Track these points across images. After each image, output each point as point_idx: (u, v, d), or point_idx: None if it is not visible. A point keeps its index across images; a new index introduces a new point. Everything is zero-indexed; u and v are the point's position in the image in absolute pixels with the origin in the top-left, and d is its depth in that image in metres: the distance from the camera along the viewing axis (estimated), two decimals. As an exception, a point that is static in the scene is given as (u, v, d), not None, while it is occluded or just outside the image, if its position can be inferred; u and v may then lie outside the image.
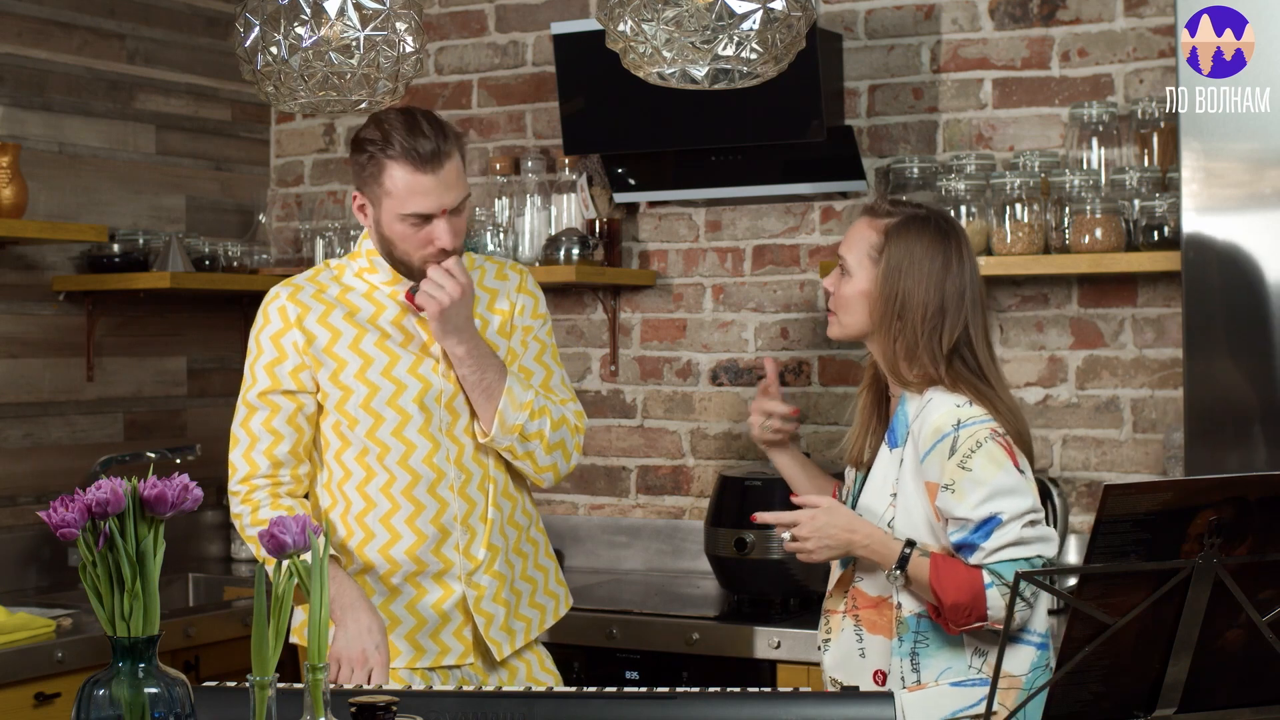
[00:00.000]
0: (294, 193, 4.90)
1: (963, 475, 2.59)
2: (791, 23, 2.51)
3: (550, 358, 3.07)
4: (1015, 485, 2.61)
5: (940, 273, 2.69)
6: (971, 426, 2.62)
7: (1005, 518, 2.58)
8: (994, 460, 2.60)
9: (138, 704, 1.91)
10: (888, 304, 2.69)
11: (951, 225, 2.75)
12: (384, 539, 2.91)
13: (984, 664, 2.63)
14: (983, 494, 2.58)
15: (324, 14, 2.66)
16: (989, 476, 2.59)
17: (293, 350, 2.92)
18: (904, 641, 2.64)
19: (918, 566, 2.59)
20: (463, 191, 2.86)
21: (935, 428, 2.63)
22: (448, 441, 2.93)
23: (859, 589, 2.69)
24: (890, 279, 2.69)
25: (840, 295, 2.76)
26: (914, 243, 2.70)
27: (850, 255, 2.75)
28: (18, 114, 4.21)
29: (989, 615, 2.57)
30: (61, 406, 4.30)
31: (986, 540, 2.58)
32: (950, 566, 2.57)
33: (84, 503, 1.89)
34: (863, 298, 2.72)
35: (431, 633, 2.92)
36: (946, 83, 4.07)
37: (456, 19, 4.67)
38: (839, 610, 2.71)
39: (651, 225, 4.43)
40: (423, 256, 2.87)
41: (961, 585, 2.56)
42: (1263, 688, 2.16)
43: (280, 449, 2.92)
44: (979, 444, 2.61)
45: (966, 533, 2.60)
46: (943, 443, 2.61)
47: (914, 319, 2.67)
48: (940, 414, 2.63)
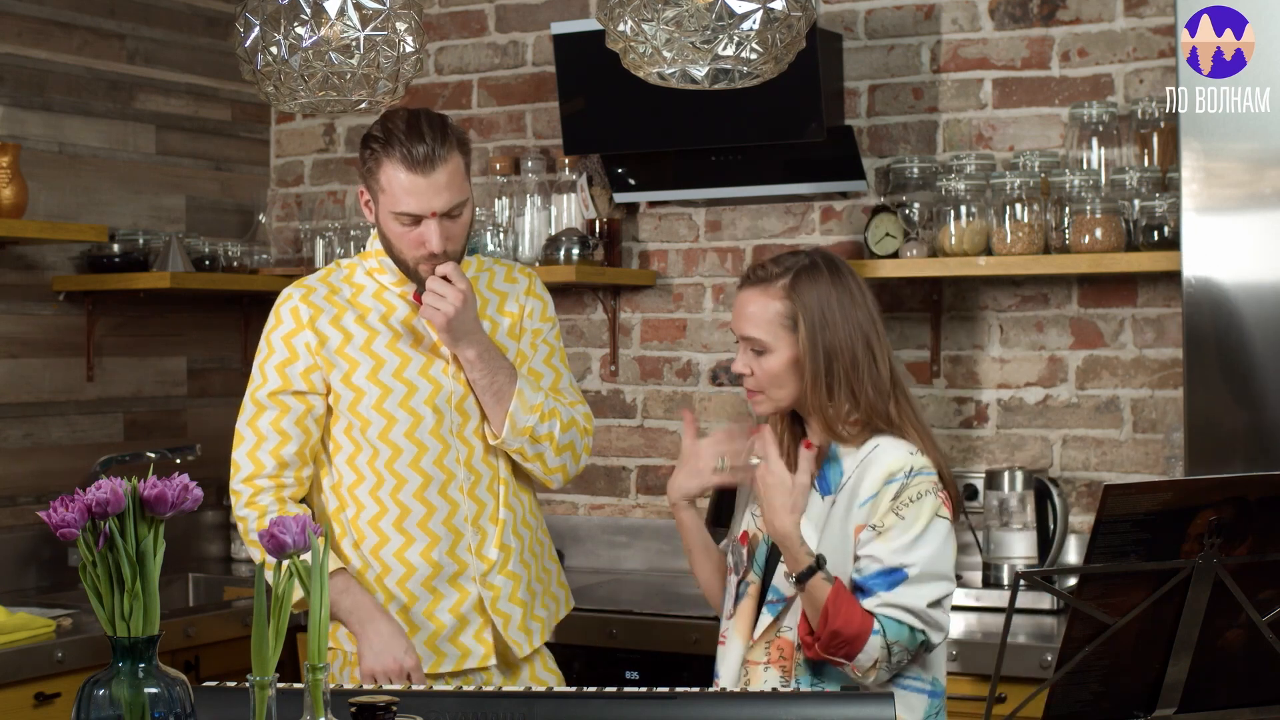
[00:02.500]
0: (294, 193, 4.90)
1: (894, 520, 2.56)
2: (791, 23, 2.51)
3: (559, 360, 3.07)
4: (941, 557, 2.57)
5: (852, 309, 2.64)
6: (921, 476, 2.58)
7: (912, 574, 2.54)
8: (932, 519, 2.57)
9: (138, 704, 1.91)
10: (819, 363, 2.61)
11: (830, 258, 2.69)
12: (398, 542, 2.91)
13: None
14: (905, 542, 2.55)
15: (324, 14, 2.66)
16: (919, 530, 2.55)
17: (305, 351, 2.92)
18: (799, 684, 2.61)
19: (818, 586, 2.53)
20: (457, 196, 2.85)
21: (887, 471, 2.58)
22: (458, 443, 2.94)
23: (784, 638, 2.64)
24: (816, 337, 2.61)
25: (765, 373, 2.65)
26: (817, 292, 2.63)
27: (759, 331, 2.65)
28: (18, 114, 4.21)
29: (857, 658, 2.52)
30: (61, 406, 4.30)
31: (889, 591, 2.54)
32: (848, 598, 2.53)
33: (84, 503, 1.89)
34: (792, 367, 2.63)
35: (451, 636, 2.92)
36: (946, 83, 4.07)
37: (456, 19, 4.67)
38: (760, 661, 2.65)
39: (651, 225, 4.43)
40: (415, 258, 2.87)
41: (853, 619, 2.51)
42: (1263, 688, 2.16)
43: (287, 450, 2.92)
44: (920, 495, 2.57)
45: (870, 574, 2.55)
46: (891, 485, 2.57)
47: (845, 367, 2.61)
48: (893, 458, 2.59)
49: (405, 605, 2.91)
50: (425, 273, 2.88)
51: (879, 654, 2.52)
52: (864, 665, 2.53)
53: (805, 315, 2.62)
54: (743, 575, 2.71)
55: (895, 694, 2.58)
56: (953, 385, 4.05)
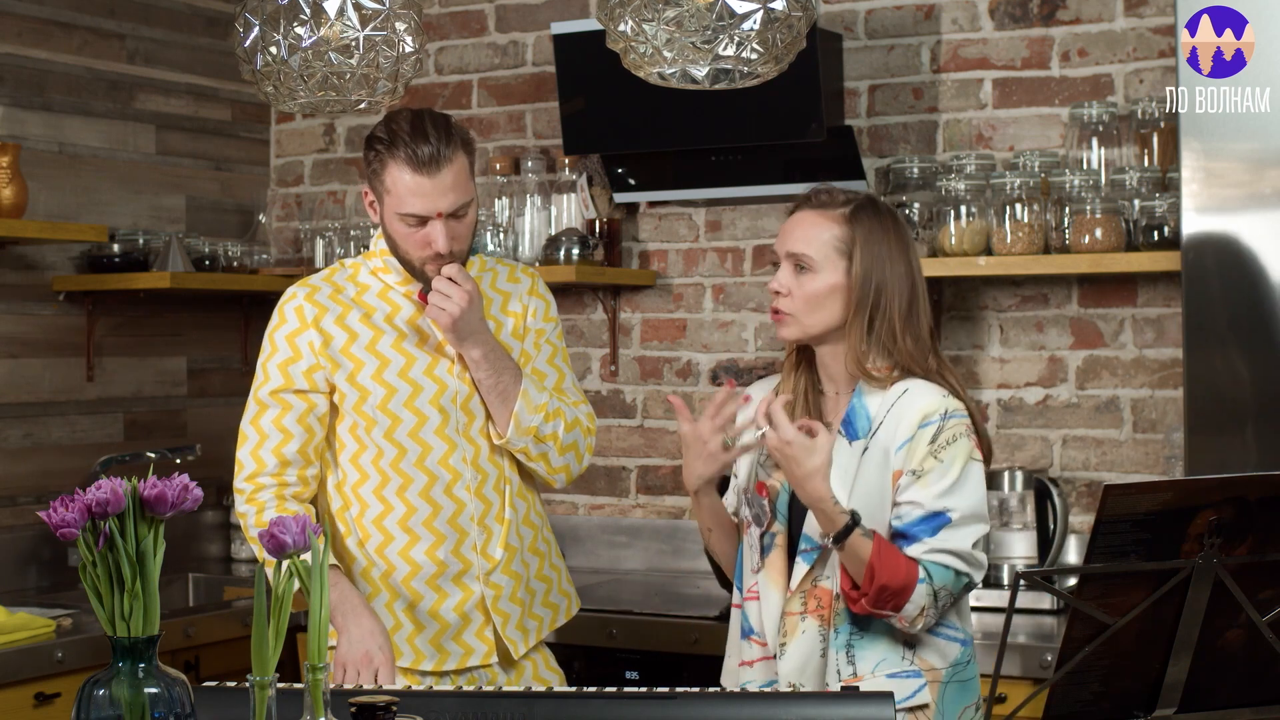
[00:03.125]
0: (294, 193, 4.90)
1: (934, 464, 2.56)
2: (791, 23, 2.51)
3: (562, 360, 3.08)
4: (980, 500, 2.58)
5: (907, 256, 2.65)
6: (956, 418, 2.59)
7: (955, 518, 2.55)
8: (968, 461, 2.58)
9: (138, 704, 1.91)
10: (867, 294, 2.60)
11: (889, 207, 2.70)
12: (403, 541, 2.91)
13: (915, 656, 2.61)
14: (945, 486, 2.55)
15: (324, 14, 2.66)
16: (957, 472, 2.56)
17: (308, 350, 2.92)
18: (839, 633, 2.60)
19: (857, 542, 2.52)
20: (462, 197, 2.85)
21: (922, 414, 2.57)
22: (464, 443, 2.94)
23: (822, 587, 2.63)
24: (871, 269, 2.60)
25: (805, 293, 2.62)
26: (879, 229, 2.63)
27: (811, 250, 2.62)
28: (18, 114, 4.21)
29: (905, 609, 2.52)
30: (61, 406, 4.30)
31: (934, 536, 2.54)
32: (891, 550, 2.52)
33: (84, 503, 1.89)
34: (836, 293, 2.62)
35: (454, 635, 2.92)
36: (946, 83, 4.07)
37: (456, 19, 4.67)
38: (797, 612, 2.64)
39: (651, 225, 4.43)
40: (421, 258, 2.87)
41: (898, 570, 2.50)
42: (1263, 688, 2.16)
43: (289, 448, 2.92)
44: (956, 438, 2.58)
45: (913, 520, 2.55)
46: (928, 428, 2.57)
47: (892, 308, 2.61)
48: (927, 401, 2.59)
49: (410, 603, 2.91)
50: (431, 273, 2.88)
51: (926, 601, 2.52)
52: (911, 615, 2.53)
53: (864, 244, 2.61)
54: (766, 526, 2.69)
55: (930, 639, 2.61)
56: (953, 385, 4.05)
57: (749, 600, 2.72)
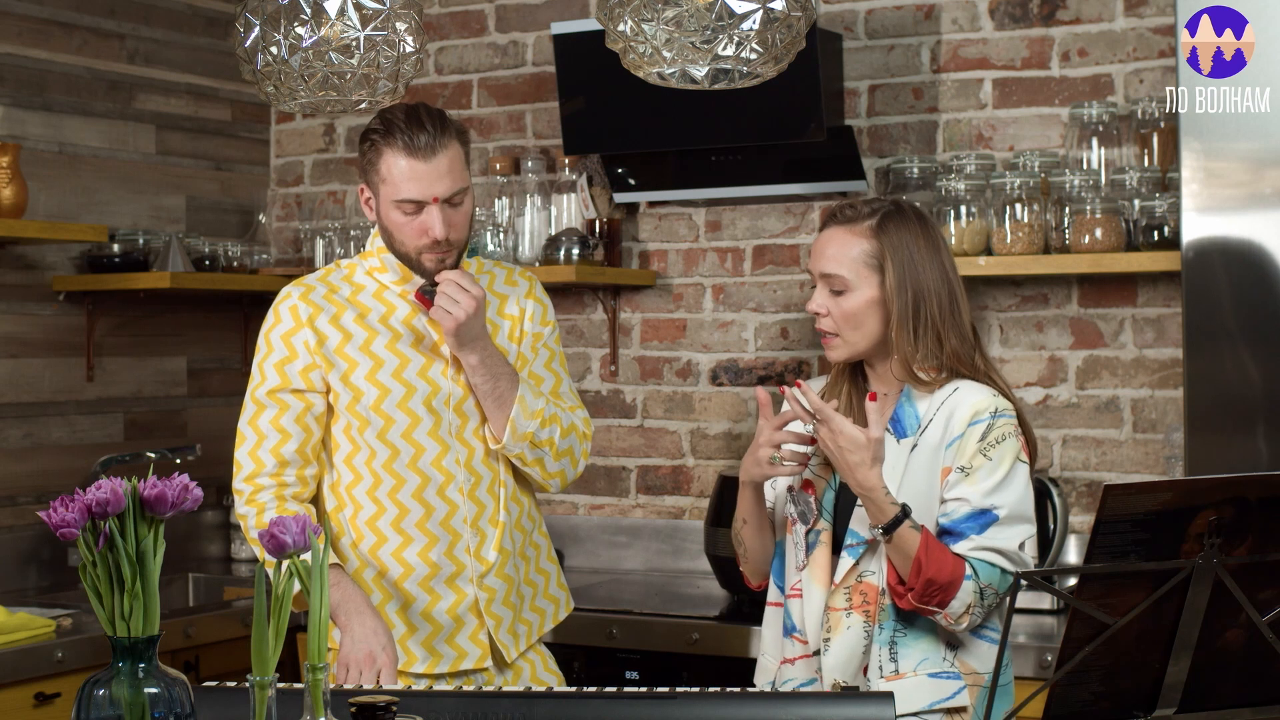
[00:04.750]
0: (294, 193, 4.90)
1: (983, 461, 2.57)
2: (791, 23, 2.51)
3: (559, 365, 3.08)
4: (1026, 501, 2.59)
5: (937, 256, 2.65)
6: (1005, 418, 2.60)
7: (1002, 515, 2.56)
8: (1015, 461, 2.59)
9: (138, 704, 1.91)
10: (906, 303, 2.61)
11: (915, 206, 2.71)
12: (395, 542, 2.91)
13: (955, 658, 2.61)
14: (994, 483, 2.57)
15: (324, 14, 2.66)
16: (1005, 471, 2.57)
17: (303, 349, 2.92)
18: (884, 629, 2.60)
19: (906, 535, 2.52)
20: (458, 183, 2.86)
21: (974, 411, 2.59)
22: (458, 445, 2.94)
23: (868, 583, 2.63)
24: (905, 277, 2.61)
25: (844, 312, 2.64)
26: (907, 235, 2.63)
27: (843, 269, 2.63)
28: (18, 114, 4.21)
29: (950, 605, 2.53)
30: (61, 406, 4.30)
31: (981, 534, 2.55)
32: (939, 546, 2.53)
33: (84, 503, 1.89)
34: (874, 307, 2.63)
35: (448, 637, 2.92)
36: (946, 83, 4.07)
37: (456, 19, 4.67)
38: (841, 607, 2.64)
39: (651, 225, 4.43)
40: (418, 247, 2.87)
41: (945, 566, 2.51)
42: (1263, 688, 2.16)
43: (287, 448, 2.92)
44: (1005, 436, 2.59)
45: (961, 517, 2.56)
46: (978, 425, 2.58)
47: (932, 311, 2.61)
48: (978, 399, 2.60)
49: (404, 605, 2.91)
50: (429, 263, 2.88)
51: (971, 598, 2.52)
52: (956, 612, 2.53)
53: (894, 255, 2.61)
54: (812, 524, 2.69)
55: (972, 642, 2.61)
56: (953, 385, 4.05)
57: (792, 598, 2.72)
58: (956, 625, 2.56)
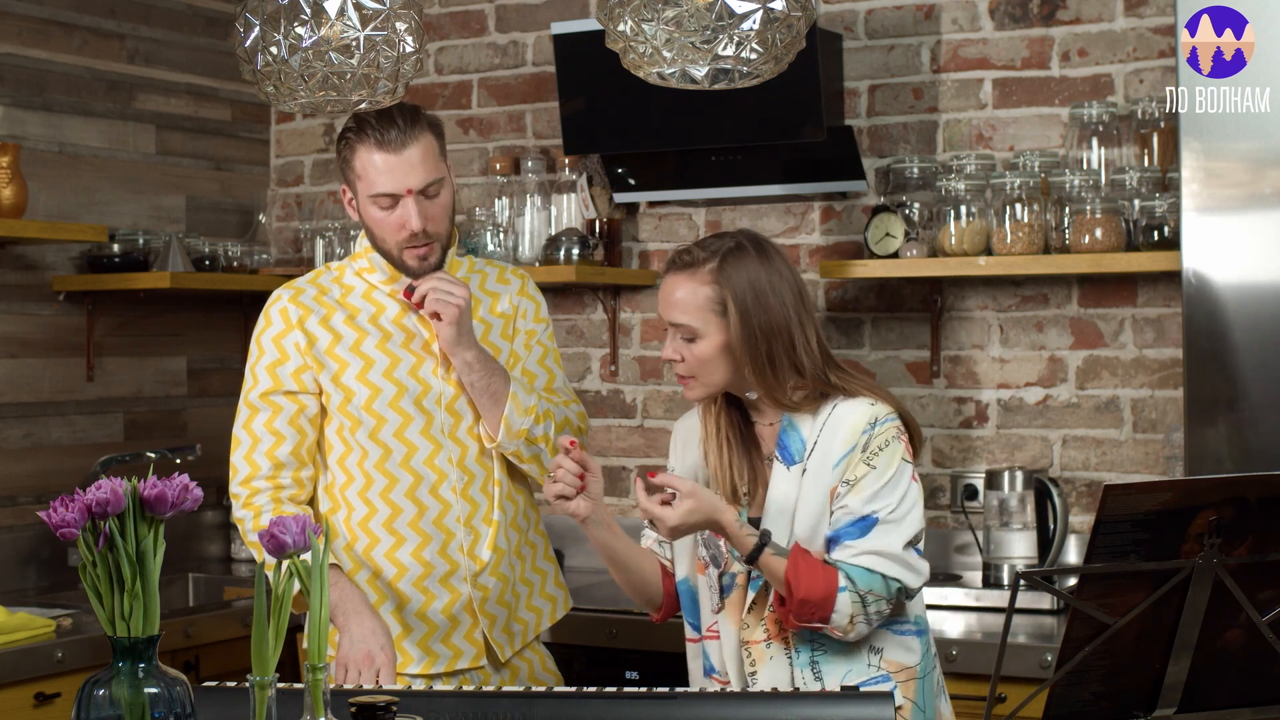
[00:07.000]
0: (294, 193, 4.90)
1: (866, 470, 2.57)
2: (791, 23, 2.51)
3: (553, 361, 3.08)
4: (910, 501, 2.59)
5: (779, 283, 2.63)
6: (884, 424, 2.60)
7: (882, 518, 2.55)
8: (900, 464, 2.59)
9: (138, 704, 1.91)
10: (754, 341, 2.59)
11: (755, 237, 2.68)
12: (389, 543, 2.91)
13: (880, 659, 2.62)
14: (876, 489, 2.57)
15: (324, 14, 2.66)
16: (890, 476, 2.57)
17: (294, 351, 2.92)
18: (800, 653, 2.61)
19: (771, 561, 2.54)
20: (432, 174, 2.86)
21: (853, 429, 2.59)
22: (450, 443, 2.94)
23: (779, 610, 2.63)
24: (749, 318, 2.59)
25: (696, 359, 2.62)
26: (744, 273, 2.61)
27: (689, 318, 2.62)
28: (18, 114, 4.21)
29: (832, 619, 2.52)
30: (61, 406, 4.30)
31: (861, 538, 2.55)
32: (809, 562, 2.53)
33: (84, 503, 1.89)
34: (724, 352, 2.61)
35: (443, 637, 2.93)
36: (946, 83, 4.07)
37: (456, 19, 4.67)
38: (760, 639, 2.64)
39: (651, 225, 4.43)
40: (398, 242, 2.88)
41: (816, 582, 2.51)
42: (1263, 688, 2.16)
43: (282, 450, 2.92)
44: (887, 443, 2.59)
45: (843, 525, 2.57)
46: (859, 440, 2.59)
47: (783, 340, 2.60)
48: (856, 416, 2.60)
49: (398, 605, 2.91)
50: (410, 260, 2.88)
51: (852, 609, 2.52)
52: (841, 624, 2.53)
53: (735, 299, 2.60)
54: (725, 567, 2.69)
55: (892, 640, 2.61)
56: (952, 385, 4.05)
57: (709, 639, 2.72)
58: (847, 636, 2.56)
